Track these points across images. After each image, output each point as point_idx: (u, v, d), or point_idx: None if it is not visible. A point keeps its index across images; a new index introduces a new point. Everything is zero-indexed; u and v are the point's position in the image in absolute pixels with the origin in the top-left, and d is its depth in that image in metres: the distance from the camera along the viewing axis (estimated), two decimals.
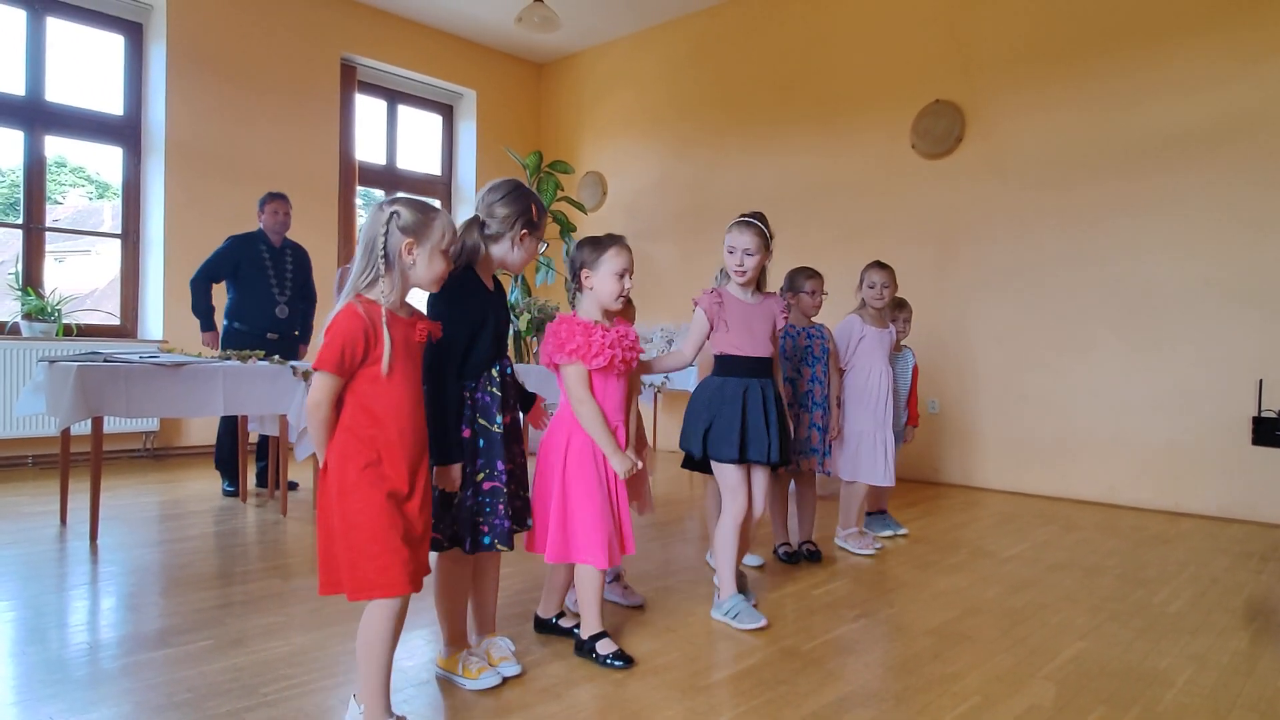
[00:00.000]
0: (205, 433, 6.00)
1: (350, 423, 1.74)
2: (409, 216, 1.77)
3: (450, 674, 2.14)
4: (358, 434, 1.73)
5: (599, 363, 2.23)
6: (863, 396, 3.61)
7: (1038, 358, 5.21)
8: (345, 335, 1.70)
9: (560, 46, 7.95)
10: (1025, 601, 2.95)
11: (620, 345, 2.28)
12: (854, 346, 3.64)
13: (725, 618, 2.62)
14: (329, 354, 1.69)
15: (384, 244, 1.75)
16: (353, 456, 1.73)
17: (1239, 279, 4.51)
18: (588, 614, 2.30)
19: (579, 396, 2.25)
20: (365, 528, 1.71)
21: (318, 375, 1.71)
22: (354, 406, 1.75)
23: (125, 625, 2.55)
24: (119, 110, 6.02)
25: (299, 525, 3.95)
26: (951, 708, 2.05)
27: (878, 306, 3.69)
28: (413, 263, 1.79)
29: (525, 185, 2.21)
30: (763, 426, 2.65)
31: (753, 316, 2.71)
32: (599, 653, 2.25)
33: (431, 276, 1.83)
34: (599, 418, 2.26)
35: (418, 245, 1.78)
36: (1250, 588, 3.19)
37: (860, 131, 6.04)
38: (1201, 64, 4.62)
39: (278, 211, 4.74)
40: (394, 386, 1.76)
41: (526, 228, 2.15)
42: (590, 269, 2.31)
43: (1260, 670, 2.34)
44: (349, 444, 1.73)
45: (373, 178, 7.47)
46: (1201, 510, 4.62)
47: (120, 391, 3.49)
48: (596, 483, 2.26)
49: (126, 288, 6.10)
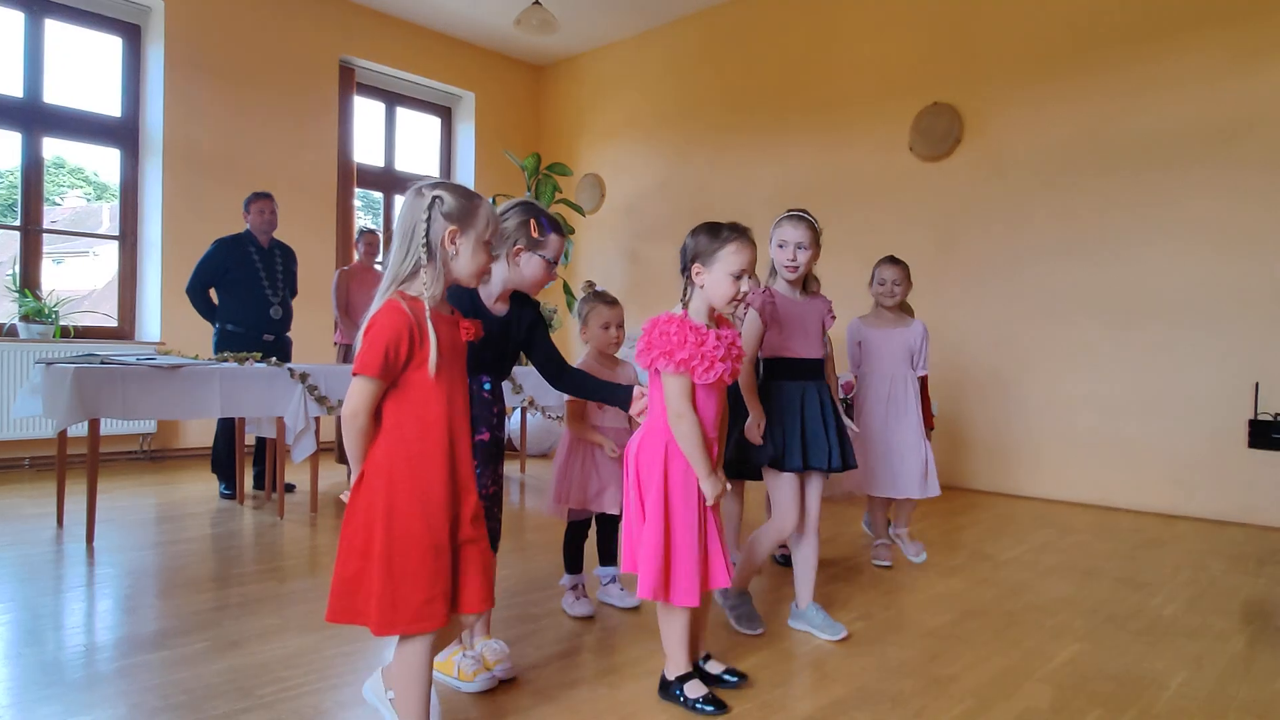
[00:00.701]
0: (202, 435, 5.99)
1: (398, 433, 1.60)
2: (453, 202, 1.62)
3: (445, 677, 2.14)
4: (407, 446, 1.60)
5: (709, 377, 1.97)
6: (866, 402, 3.46)
7: (1035, 360, 5.22)
8: (389, 335, 1.55)
9: (559, 49, 7.96)
10: (1022, 604, 2.95)
11: (730, 356, 2.02)
12: (856, 351, 3.51)
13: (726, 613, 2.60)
14: (371, 356, 1.54)
15: (425, 231, 1.60)
16: (403, 471, 1.59)
17: (1235, 281, 4.52)
18: (674, 653, 2.06)
19: (679, 411, 1.98)
20: (414, 553, 1.57)
21: (357, 380, 1.57)
22: (400, 414, 1.60)
23: (121, 627, 2.55)
24: (117, 112, 6.02)
25: (296, 528, 3.95)
26: (947, 710, 2.05)
27: (887, 305, 3.47)
28: (455, 253, 1.64)
29: (533, 204, 2.16)
30: (822, 432, 2.52)
31: (806, 316, 2.58)
32: (687, 696, 2.00)
33: (473, 269, 1.68)
34: (699, 435, 1.98)
35: (461, 234, 1.63)
36: (1247, 591, 3.19)
37: (859, 133, 6.05)
38: (1195, 64, 4.63)
39: (264, 211, 4.72)
40: (440, 391, 1.62)
41: (520, 243, 2.10)
42: (703, 264, 2.01)
43: (1256, 673, 2.34)
44: (397, 457, 1.59)
45: (371, 180, 7.47)
46: (1198, 513, 4.62)
47: (117, 393, 3.49)
48: (697, 510, 2.02)
49: (124, 289, 6.09)
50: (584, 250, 7.93)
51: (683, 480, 2.00)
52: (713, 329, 2.03)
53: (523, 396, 4.95)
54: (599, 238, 7.83)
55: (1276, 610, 2.97)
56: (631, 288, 7.43)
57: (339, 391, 4.16)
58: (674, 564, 1.98)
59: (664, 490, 1.99)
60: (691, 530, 1.99)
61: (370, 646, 2.40)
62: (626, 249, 7.61)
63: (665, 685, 2.06)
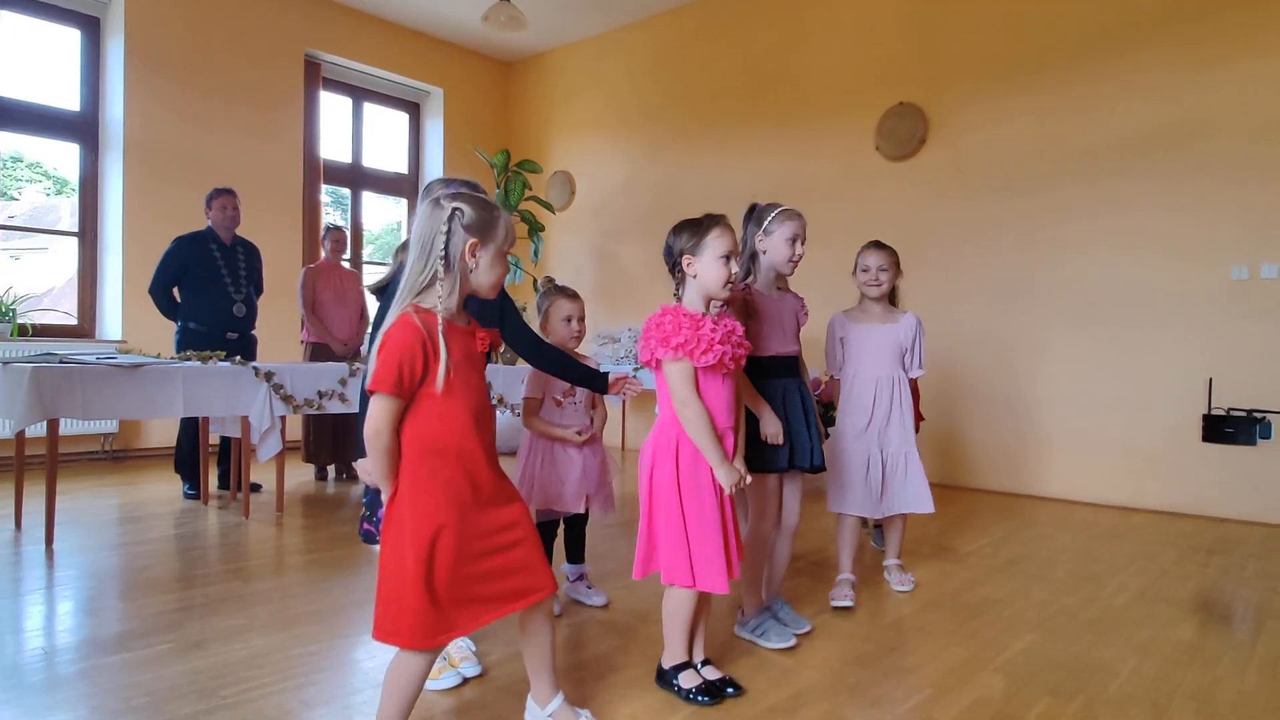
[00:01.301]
0: (166, 435, 5.92)
1: (420, 448, 1.59)
2: (473, 214, 1.61)
3: None
4: (431, 461, 1.59)
5: (708, 359, 1.98)
6: (847, 405, 3.04)
7: (997, 357, 5.32)
8: (402, 350, 1.54)
9: (528, 45, 7.95)
10: (980, 596, 3.02)
11: (730, 341, 2.04)
12: (837, 348, 3.09)
13: (752, 635, 2.48)
14: (386, 373, 1.53)
15: (445, 244, 1.59)
16: (426, 486, 1.58)
17: (1190, 280, 4.64)
18: (672, 640, 2.10)
19: (684, 398, 1.99)
20: (442, 569, 1.57)
21: (375, 399, 1.55)
22: (419, 428, 1.59)
23: (82, 630, 2.52)
24: (76, 106, 5.92)
25: (262, 528, 3.92)
26: (904, 700, 2.10)
27: (873, 296, 3.04)
28: (474, 265, 1.63)
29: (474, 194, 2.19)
30: (805, 430, 2.48)
31: (782, 313, 2.55)
32: (681, 686, 2.05)
33: (492, 281, 1.67)
34: (706, 422, 1.99)
35: (481, 247, 1.63)
36: (1196, 580, 3.29)
37: (826, 133, 6.11)
38: (1156, 71, 4.75)
39: (226, 207, 4.66)
40: (461, 404, 1.61)
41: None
42: (692, 255, 2.06)
43: (1201, 660, 2.42)
44: (421, 473, 1.58)
45: (338, 176, 7.41)
46: (1154, 505, 4.75)
47: (76, 393, 3.44)
48: (713, 498, 2.03)
49: (84, 287, 5.99)
50: (554, 248, 7.93)
51: (692, 469, 2.02)
52: (709, 316, 2.06)
53: (492, 394, 4.95)
54: (569, 235, 7.84)
55: (1223, 599, 3.07)
56: (601, 285, 7.45)
57: (305, 390, 4.13)
58: (695, 551, 2.00)
59: (676, 481, 2.02)
60: (709, 518, 2.00)
61: (336, 647, 2.40)
62: (597, 247, 7.62)
63: (661, 674, 2.12)
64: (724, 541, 2.02)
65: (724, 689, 2.08)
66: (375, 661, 2.28)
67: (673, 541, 2.01)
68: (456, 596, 1.59)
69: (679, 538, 2.01)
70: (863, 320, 3.06)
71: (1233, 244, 4.51)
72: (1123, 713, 2.05)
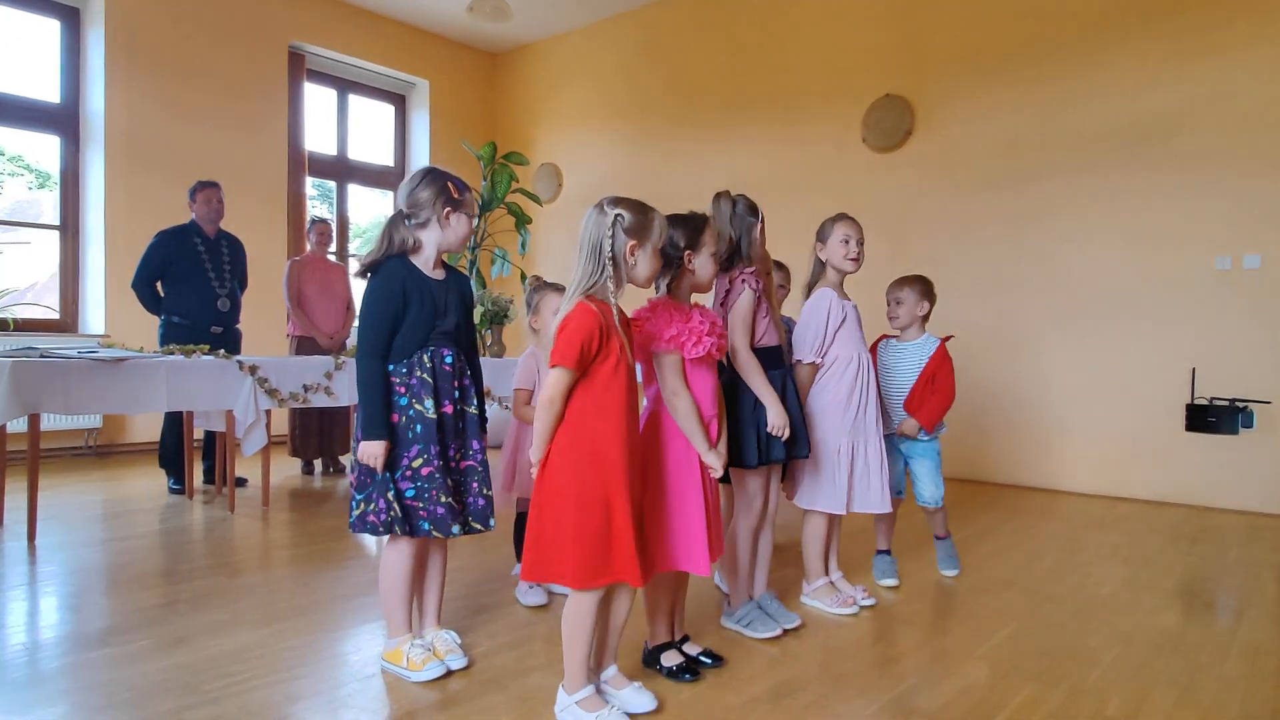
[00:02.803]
0: (150, 429, 5.87)
1: (582, 418, 1.82)
2: (631, 219, 1.86)
3: (394, 667, 2.14)
4: (591, 428, 1.81)
5: (698, 352, 2.05)
6: (839, 395, 2.74)
7: (983, 349, 5.34)
8: (584, 331, 1.78)
9: (514, 37, 7.90)
10: (966, 585, 3.04)
11: (715, 332, 2.10)
12: (831, 332, 2.76)
13: (737, 626, 2.50)
14: (570, 350, 1.77)
15: (611, 247, 1.84)
16: (586, 449, 1.81)
17: (1174, 272, 4.67)
18: (652, 624, 2.22)
19: (674, 388, 2.05)
20: (591, 518, 1.79)
21: (556, 371, 1.80)
22: (584, 401, 1.82)
23: (64, 625, 2.51)
24: (56, 98, 5.85)
25: (248, 522, 3.90)
26: (889, 689, 2.11)
27: (851, 271, 2.84)
28: (634, 263, 1.88)
29: (438, 168, 2.23)
30: (799, 420, 2.50)
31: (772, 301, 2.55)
32: (663, 664, 2.17)
33: (648, 274, 1.92)
34: (695, 411, 2.06)
35: (640, 247, 1.88)
36: (1179, 569, 3.32)
37: (813, 124, 6.11)
38: (1140, 63, 4.76)
39: (210, 200, 4.61)
40: (620, 380, 1.84)
41: (449, 205, 2.16)
42: (695, 251, 2.14)
43: (1184, 648, 2.44)
44: (582, 437, 1.81)
45: (324, 168, 7.36)
46: (1139, 495, 4.79)
47: (58, 388, 3.41)
48: (696, 483, 2.07)
49: (66, 281, 5.94)
50: (541, 240, 7.90)
51: (677, 457, 2.08)
52: (696, 308, 2.14)
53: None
54: (557, 228, 7.81)
55: (1205, 587, 3.10)
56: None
57: (290, 384, 4.11)
58: (676, 533, 2.06)
59: (664, 468, 2.07)
60: (696, 501, 2.06)
61: (322, 640, 2.39)
62: None
63: (645, 655, 2.23)
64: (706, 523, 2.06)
65: (702, 662, 2.20)
66: (362, 655, 2.27)
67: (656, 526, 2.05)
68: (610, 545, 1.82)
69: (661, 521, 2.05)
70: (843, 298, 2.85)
71: (1216, 235, 4.54)
72: (1105, 700, 2.06)
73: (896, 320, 3.23)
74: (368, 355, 2.10)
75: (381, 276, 2.12)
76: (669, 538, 2.06)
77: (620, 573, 1.82)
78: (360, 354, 2.11)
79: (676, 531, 2.06)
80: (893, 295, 3.24)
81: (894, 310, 3.23)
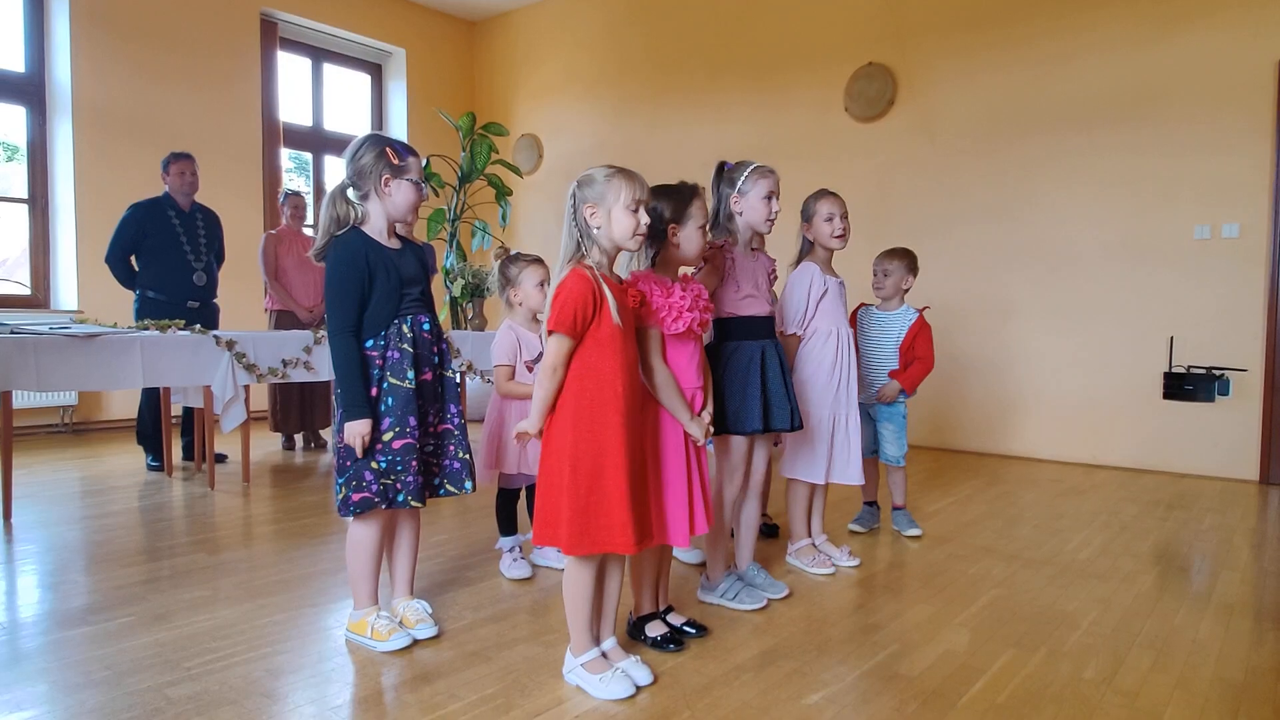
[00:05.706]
0: (128, 406, 5.80)
1: (581, 383, 1.84)
2: (587, 179, 1.90)
3: (359, 637, 2.15)
4: (590, 394, 1.83)
5: (678, 328, 2.02)
6: (822, 368, 2.82)
7: (965, 318, 5.36)
8: (578, 297, 1.80)
9: (492, 4, 7.76)
10: (946, 553, 3.07)
11: (697, 306, 2.07)
12: (814, 305, 2.82)
13: (721, 600, 2.48)
14: (564, 315, 1.80)
15: (573, 216, 1.90)
16: (586, 414, 1.82)
17: (1152, 241, 4.69)
18: (637, 596, 2.22)
19: (652, 363, 2.03)
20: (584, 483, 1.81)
21: (554, 338, 1.83)
22: (583, 366, 1.84)
23: (43, 604, 2.48)
24: (21, 67, 5.69)
25: (228, 499, 3.87)
26: (871, 656, 2.13)
27: (836, 248, 2.90)
28: (600, 225, 1.88)
29: (379, 134, 2.17)
30: (783, 391, 2.46)
31: (757, 272, 2.52)
32: (648, 634, 2.17)
33: (623, 232, 1.88)
34: (674, 383, 2.04)
35: (597, 206, 1.88)
36: (1156, 534, 3.37)
37: (795, 94, 6.05)
38: (1122, 28, 4.74)
39: (184, 172, 4.52)
40: (617, 345, 1.85)
41: (388, 171, 2.09)
42: (679, 224, 2.10)
43: (1160, 611, 2.48)
44: (582, 403, 1.83)
45: (298, 139, 7.23)
46: (1117, 462, 4.84)
47: (29, 364, 3.35)
48: (680, 454, 2.06)
49: (36, 256, 5.82)
50: (522, 212, 7.82)
51: (669, 427, 2.06)
52: (678, 282, 2.10)
53: (460, 361, 4.90)
54: (537, 199, 7.73)
55: (1181, 551, 3.15)
56: None
57: (269, 359, 4.06)
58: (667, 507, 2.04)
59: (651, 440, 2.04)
60: (680, 475, 2.05)
61: (304, 615, 2.38)
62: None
63: (629, 626, 2.23)
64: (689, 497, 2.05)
65: (686, 632, 2.21)
66: (344, 629, 2.26)
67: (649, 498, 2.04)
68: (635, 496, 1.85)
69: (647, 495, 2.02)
70: (828, 273, 2.89)
71: (1195, 204, 4.56)
72: (1083, 662, 2.09)
73: (881, 290, 3.37)
74: (340, 333, 2.05)
75: (340, 249, 2.07)
76: (656, 509, 2.04)
77: (614, 541, 1.83)
78: (332, 332, 2.06)
79: (665, 503, 2.04)
80: (880, 266, 3.36)
81: (880, 280, 3.35)
